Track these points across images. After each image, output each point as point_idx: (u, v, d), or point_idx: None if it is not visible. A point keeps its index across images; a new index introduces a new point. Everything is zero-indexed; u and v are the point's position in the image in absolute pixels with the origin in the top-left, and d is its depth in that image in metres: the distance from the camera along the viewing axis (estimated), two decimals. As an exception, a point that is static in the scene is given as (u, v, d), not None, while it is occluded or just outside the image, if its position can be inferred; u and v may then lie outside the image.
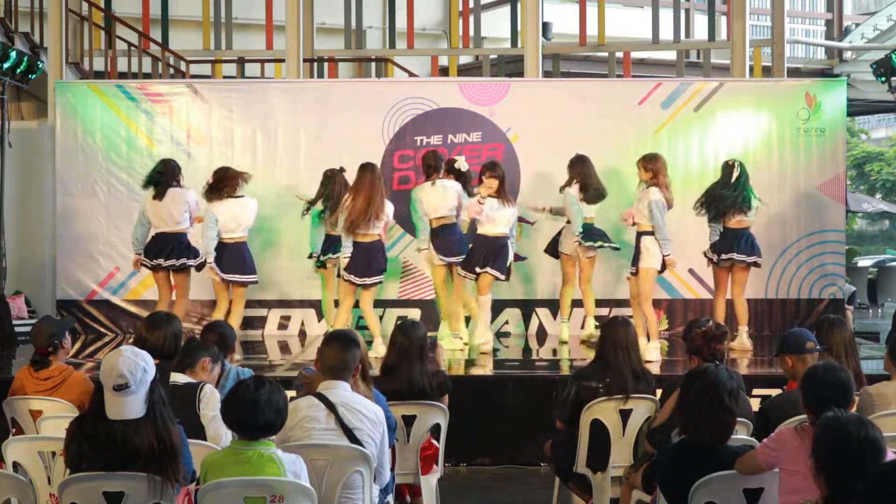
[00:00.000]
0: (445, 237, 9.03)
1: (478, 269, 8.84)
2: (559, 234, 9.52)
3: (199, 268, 8.99)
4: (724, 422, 4.29)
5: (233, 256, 8.86)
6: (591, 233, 9.25)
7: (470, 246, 9.03)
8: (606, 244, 9.29)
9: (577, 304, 9.79)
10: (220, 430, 4.74)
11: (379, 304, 9.49)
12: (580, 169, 9.25)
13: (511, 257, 8.96)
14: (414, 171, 10.18)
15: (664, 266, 8.68)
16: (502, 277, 8.87)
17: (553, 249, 9.59)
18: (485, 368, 8.47)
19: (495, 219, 8.81)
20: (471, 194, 9.13)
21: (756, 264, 9.01)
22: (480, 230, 8.91)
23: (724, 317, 8.89)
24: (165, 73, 12.77)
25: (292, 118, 10.40)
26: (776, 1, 13.60)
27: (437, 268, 9.16)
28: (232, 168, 9.08)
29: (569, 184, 9.23)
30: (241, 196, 8.90)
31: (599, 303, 9.79)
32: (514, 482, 7.22)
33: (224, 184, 8.85)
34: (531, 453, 7.12)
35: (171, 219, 8.88)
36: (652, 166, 8.63)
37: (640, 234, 8.64)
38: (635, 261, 8.70)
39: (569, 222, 9.33)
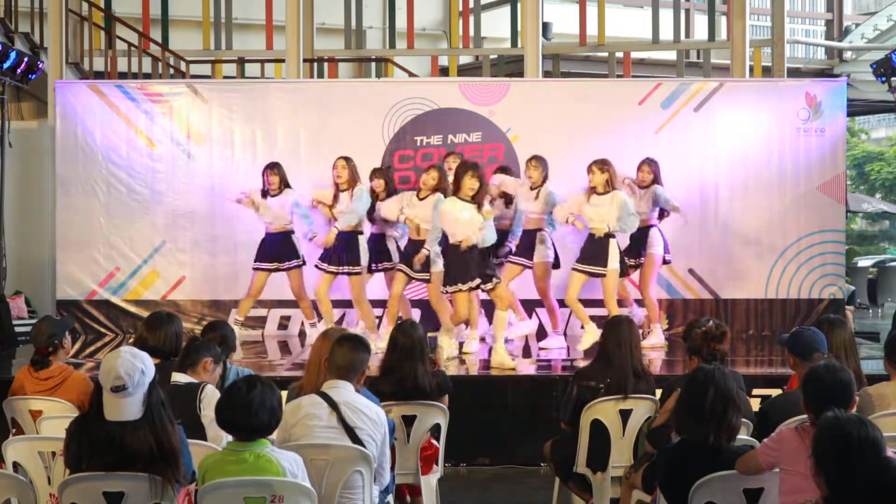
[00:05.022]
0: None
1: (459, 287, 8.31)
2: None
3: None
4: (736, 424, 4.32)
5: None
6: None
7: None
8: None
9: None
10: (221, 431, 4.72)
11: (379, 304, 9.47)
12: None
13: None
14: (414, 172, 10.17)
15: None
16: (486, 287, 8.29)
17: None
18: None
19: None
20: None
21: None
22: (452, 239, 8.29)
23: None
24: (165, 73, 12.76)
25: (292, 118, 10.39)
26: (776, 1, 13.60)
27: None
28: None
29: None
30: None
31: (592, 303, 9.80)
32: (514, 482, 7.21)
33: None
34: (531, 453, 7.11)
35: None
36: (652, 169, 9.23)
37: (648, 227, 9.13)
38: (640, 250, 9.14)
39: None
